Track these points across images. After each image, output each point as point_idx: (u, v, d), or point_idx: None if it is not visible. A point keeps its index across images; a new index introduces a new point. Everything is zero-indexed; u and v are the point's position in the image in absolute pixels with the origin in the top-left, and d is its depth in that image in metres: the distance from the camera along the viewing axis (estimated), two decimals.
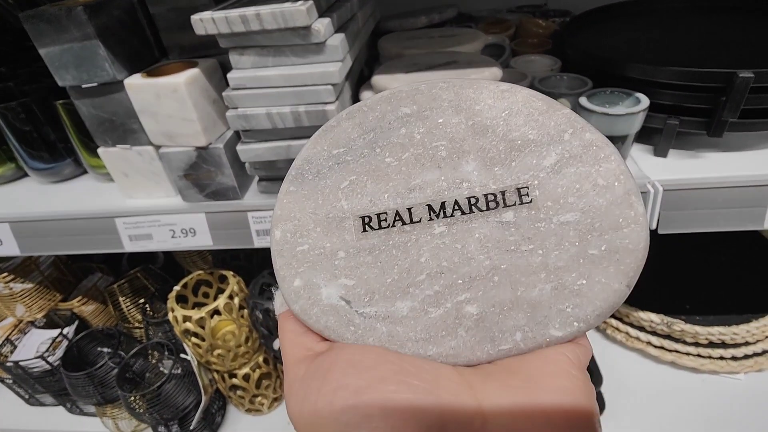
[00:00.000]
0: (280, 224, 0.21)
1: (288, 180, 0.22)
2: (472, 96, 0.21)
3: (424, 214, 0.20)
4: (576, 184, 0.19)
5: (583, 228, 0.19)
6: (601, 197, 0.19)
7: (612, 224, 0.19)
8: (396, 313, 0.20)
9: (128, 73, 0.48)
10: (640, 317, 0.71)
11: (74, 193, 0.62)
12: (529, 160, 0.19)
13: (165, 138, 0.50)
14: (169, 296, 0.61)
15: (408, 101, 0.21)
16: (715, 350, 0.68)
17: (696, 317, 0.69)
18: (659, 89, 0.48)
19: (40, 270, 0.73)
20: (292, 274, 0.21)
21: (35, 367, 0.69)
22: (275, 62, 0.43)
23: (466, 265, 0.19)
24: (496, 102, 0.20)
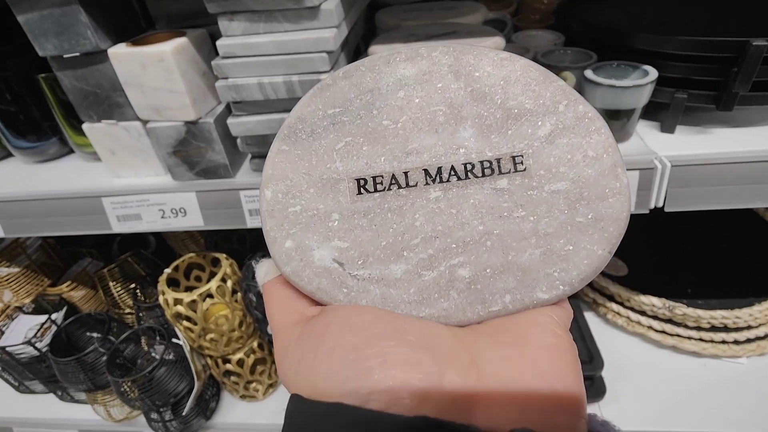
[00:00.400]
0: (271, 184, 0.21)
1: (279, 138, 0.21)
2: (472, 62, 0.21)
3: (420, 178, 0.20)
4: (568, 155, 0.20)
5: (572, 197, 0.19)
6: (590, 168, 0.19)
7: (599, 194, 0.19)
8: (390, 276, 0.20)
9: (112, 43, 0.46)
10: (641, 301, 0.69)
11: (60, 172, 0.60)
12: (524, 129, 0.20)
13: (152, 112, 0.48)
14: (160, 279, 0.60)
15: (407, 63, 0.21)
16: (718, 334, 0.67)
17: (698, 301, 0.67)
18: (667, 61, 0.47)
19: (27, 254, 0.71)
20: (284, 236, 0.20)
21: (23, 353, 0.67)
22: (266, 28, 0.41)
23: (460, 229, 0.20)
24: (494, 70, 0.20)
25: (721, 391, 0.64)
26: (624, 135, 0.48)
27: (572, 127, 0.20)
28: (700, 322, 0.67)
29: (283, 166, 0.21)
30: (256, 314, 0.61)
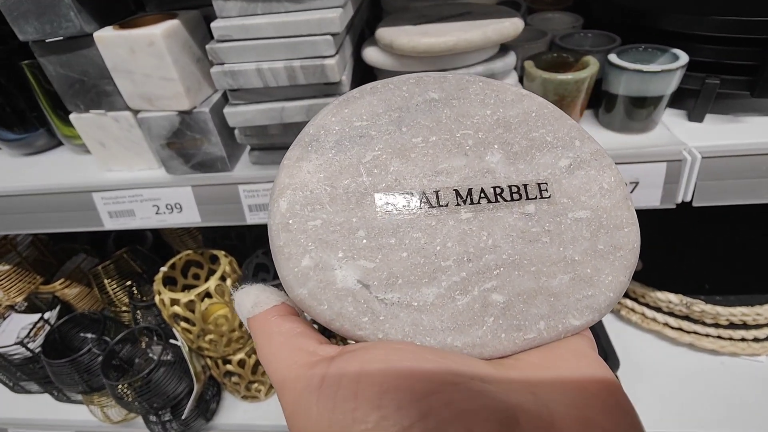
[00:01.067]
0: (288, 194, 0.19)
1: (299, 145, 0.20)
2: (497, 92, 0.22)
3: (452, 198, 0.19)
4: (587, 186, 0.21)
5: (593, 225, 0.20)
6: (606, 199, 0.20)
7: (616, 224, 0.20)
8: (421, 300, 0.18)
9: (98, 26, 0.43)
10: (657, 297, 0.67)
11: (48, 166, 0.57)
12: (547, 159, 0.21)
13: (143, 101, 0.44)
14: (156, 278, 0.57)
15: (435, 86, 0.21)
16: (737, 332, 0.64)
17: (716, 297, 0.65)
18: (697, 44, 0.43)
19: (17, 251, 0.68)
20: (300, 252, 0.18)
21: (16, 354, 0.65)
22: (265, 8, 0.37)
23: (491, 252, 0.19)
24: (516, 102, 0.22)
25: (740, 391, 0.62)
26: (649, 124, 0.45)
27: (588, 161, 0.21)
28: (718, 319, 0.64)
29: (302, 175, 0.19)
30: None
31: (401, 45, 0.39)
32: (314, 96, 0.41)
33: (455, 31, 0.39)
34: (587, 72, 0.42)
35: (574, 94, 0.43)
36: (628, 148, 0.44)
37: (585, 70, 0.42)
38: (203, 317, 0.55)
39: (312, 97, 0.41)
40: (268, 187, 0.48)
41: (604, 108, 0.47)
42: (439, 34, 0.39)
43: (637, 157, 0.43)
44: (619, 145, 0.44)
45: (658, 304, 0.68)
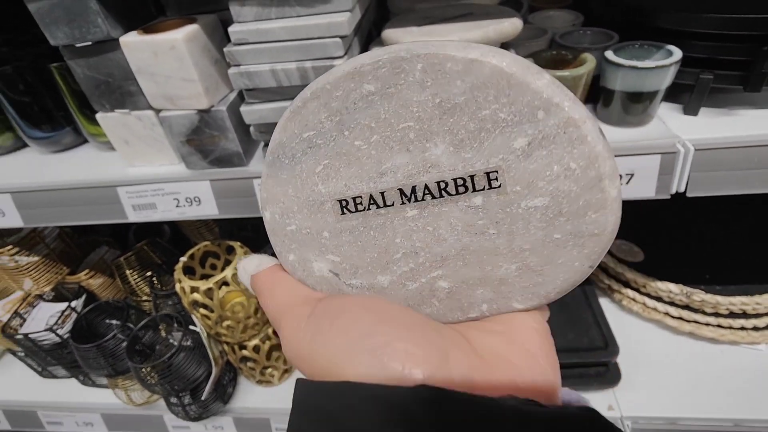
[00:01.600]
0: (269, 206, 0.22)
1: (266, 164, 0.22)
2: (438, 67, 0.18)
3: (396, 198, 0.20)
4: (547, 169, 0.18)
5: (550, 213, 0.19)
6: (572, 182, 0.18)
7: (580, 210, 0.18)
8: (377, 285, 0.22)
9: (123, 31, 0.46)
10: (658, 287, 0.69)
11: (75, 162, 0.60)
12: (498, 142, 0.18)
13: (165, 101, 0.48)
14: (176, 267, 0.60)
15: (370, 77, 0.19)
16: (736, 320, 0.66)
17: (716, 287, 0.66)
18: (692, 40, 0.45)
19: (45, 243, 0.72)
20: (287, 250, 0.23)
21: (45, 340, 0.69)
22: (279, 13, 0.40)
23: (438, 245, 0.20)
24: (464, 74, 0.18)
25: (739, 378, 0.63)
26: (645, 118, 0.47)
27: (552, 137, 0.18)
28: (718, 308, 0.66)
29: (273, 190, 0.22)
30: None
31: None
32: None
33: (457, 31, 0.42)
34: (584, 68, 0.44)
35: (572, 89, 0.45)
36: (624, 141, 0.46)
37: (582, 67, 0.44)
38: (221, 304, 0.58)
39: None
40: None
41: (602, 103, 0.48)
42: (441, 34, 0.41)
43: (633, 150, 0.45)
44: (616, 139, 0.46)
45: (658, 294, 0.69)
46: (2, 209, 0.58)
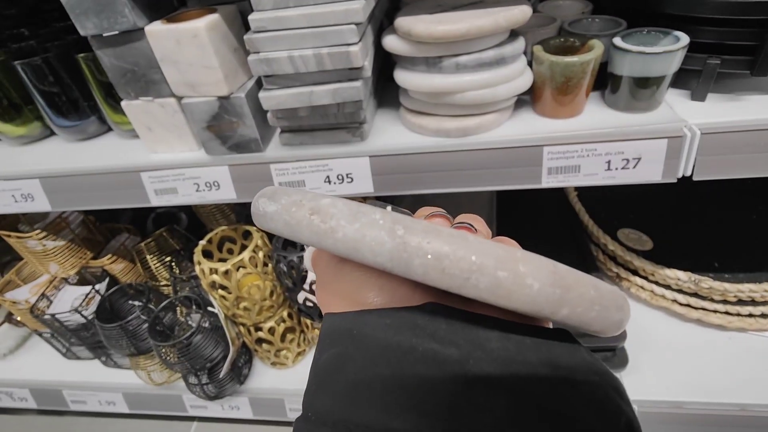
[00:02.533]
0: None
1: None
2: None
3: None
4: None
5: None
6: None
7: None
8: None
9: (148, 21, 0.48)
10: (666, 275, 0.69)
11: (100, 149, 0.63)
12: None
13: (187, 88, 0.50)
14: (195, 250, 0.63)
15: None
16: (744, 307, 0.66)
17: (725, 275, 0.67)
18: (699, 26, 0.46)
19: (70, 228, 0.75)
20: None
21: (71, 321, 0.72)
22: (297, 2, 0.42)
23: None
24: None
25: (746, 364, 0.64)
26: (653, 103, 0.48)
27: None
28: (726, 296, 0.66)
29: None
30: (286, 283, 0.63)
31: (419, 32, 0.43)
32: (339, 80, 0.46)
33: (468, 18, 0.43)
34: (592, 54, 0.45)
35: (580, 75, 0.46)
36: (631, 126, 0.47)
37: (590, 53, 0.45)
38: (238, 286, 0.60)
39: (337, 81, 0.46)
40: (297, 166, 0.53)
41: (609, 89, 0.49)
42: (453, 21, 0.43)
43: (640, 134, 0.46)
44: (624, 124, 0.47)
45: (667, 282, 0.70)
46: (31, 194, 0.61)
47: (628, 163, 0.47)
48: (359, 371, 0.17)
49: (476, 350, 0.16)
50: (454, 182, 0.51)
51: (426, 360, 0.16)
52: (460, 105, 0.47)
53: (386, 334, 0.17)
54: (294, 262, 0.60)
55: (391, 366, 0.16)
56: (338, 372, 0.17)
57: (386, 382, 0.16)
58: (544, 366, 0.16)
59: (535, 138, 0.47)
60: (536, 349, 0.17)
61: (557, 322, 0.18)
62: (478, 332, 0.17)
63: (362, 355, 0.17)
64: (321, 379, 0.18)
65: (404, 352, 0.17)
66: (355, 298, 0.20)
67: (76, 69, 0.58)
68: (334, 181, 0.53)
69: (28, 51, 0.64)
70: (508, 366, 0.16)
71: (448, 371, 0.16)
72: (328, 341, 0.19)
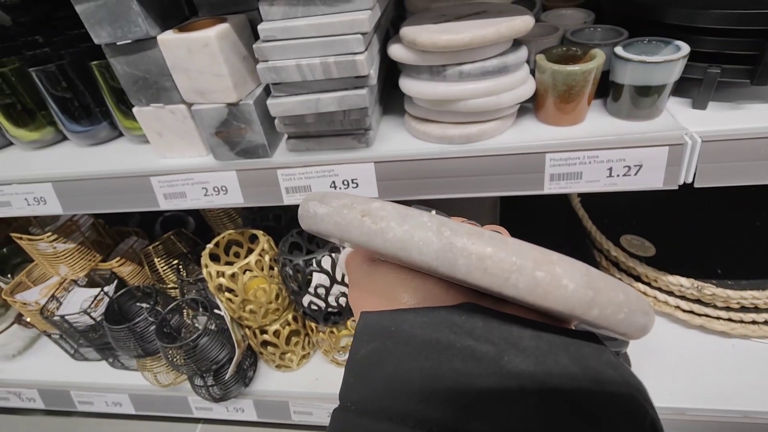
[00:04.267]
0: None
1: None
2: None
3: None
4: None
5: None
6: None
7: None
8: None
9: (160, 30, 0.49)
10: (669, 281, 0.70)
11: (111, 154, 0.64)
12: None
13: (197, 95, 0.51)
14: (203, 253, 0.64)
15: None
16: (747, 314, 0.67)
17: (728, 281, 0.67)
18: (700, 36, 0.46)
19: (81, 231, 0.77)
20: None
21: (79, 322, 0.73)
22: (305, 12, 0.43)
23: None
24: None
25: (750, 371, 0.64)
26: (654, 112, 0.48)
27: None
28: (729, 302, 0.66)
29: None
30: (291, 286, 0.64)
31: (423, 42, 0.44)
32: (345, 88, 0.47)
33: (471, 28, 0.44)
34: (594, 63, 0.46)
35: (582, 84, 0.47)
36: (633, 133, 0.47)
37: (592, 62, 0.46)
38: (244, 289, 0.61)
39: (344, 89, 0.47)
40: (303, 172, 0.54)
41: (611, 97, 0.50)
42: (456, 31, 0.44)
43: (641, 142, 0.46)
44: (625, 131, 0.48)
45: (669, 288, 0.70)
46: (44, 197, 0.63)
47: (630, 170, 0.48)
48: (398, 364, 0.18)
49: (510, 348, 0.17)
50: (457, 188, 0.52)
51: (463, 355, 0.17)
52: (463, 112, 0.48)
53: (424, 330, 0.18)
54: (300, 266, 0.61)
55: (429, 360, 0.17)
56: (377, 365, 0.18)
57: (425, 375, 0.17)
58: (574, 365, 0.17)
59: (537, 145, 0.48)
60: (566, 349, 0.18)
61: (586, 322, 0.18)
62: (512, 330, 0.18)
63: (401, 350, 0.18)
64: (360, 372, 0.18)
65: (443, 348, 0.17)
66: (390, 298, 0.21)
67: (89, 76, 0.60)
68: (340, 186, 0.54)
69: (43, 58, 0.66)
70: (540, 363, 0.17)
71: (484, 366, 0.17)
72: (366, 337, 0.19)
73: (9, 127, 0.66)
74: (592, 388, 0.17)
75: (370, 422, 0.16)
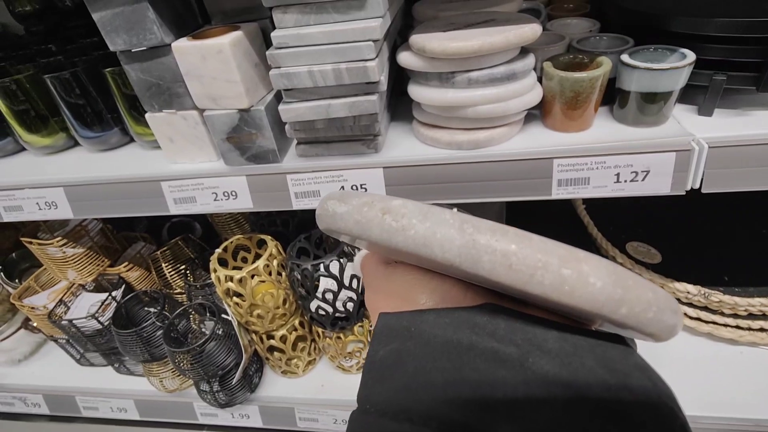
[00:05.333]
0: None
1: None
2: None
3: None
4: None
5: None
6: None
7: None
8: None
9: (174, 38, 0.50)
10: (675, 288, 0.69)
11: (122, 159, 0.65)
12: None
13: (209, 101, 0.52)
14: (212, 257, 0.64)
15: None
16: (756, 322, 0.66)
17: (735, 288, 0.67)
18: (705, 44, 0.47)
19: (89, 236, 0.77)
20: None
21: (87, 327, 0.73)
22: (317, 20, 0.44)
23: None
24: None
25: (760, 379, 0.64)
26: (660, 118, 0.49)
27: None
28: (736, 310, 0.66)
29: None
30: (299, 291, 0.64)
31: (433, 49, 0.45)
32: (356, 94, 0.47)
33: (480, 35, 0.45)
34: (600, 70, 0.47)
35: (589, 90, 0.48)
36: (640, 139, 0.48)
37: (598, 69, 0.47)
38: (252, 293, 0.62)
39: (354, 95, 0.47)
40: (312, 177, 0.55)
41: (618, 104, 0.51)
42: (465, 38, 0.45)
43: (648, 148, 0.47)
44: (632, 137, 0.48)
45: (676, 295, 0.70)
46: (55, 201, 0.64)
47: (637, 175, 0.48)
48: (419, 365, 0.17)
49: (535, 349, 0.17)
50: (465, 193, 0.52)
51: (486, 357, 0.17)
52: (472, 119, 0.49)
53: (445, 331, 0.18)
54: (308, 271, 0.61)
55: (451, 361, 0.17)
56: (398, 366, 0.18)
57: (447, 376, 0.16)
58: (600, 367, 0.17)
59: (545, 150, 0.48)
60: (591, 351, 0.17)
61: (614, 322, 0.18)
62: (536, 332, 0.18)
63: (422, 350, 0.18)
64: (379, 373, 0.18)
65: (465, 349, 0.17)
66: (407, 299, 0.21)
67: (102, 82, 0.61)
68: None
69: (56, 66, 0.67)
70: (566, 365, 0.17)
71: (508, 368, 0.16)
72: (384, 338, 0.19)
73: (22, 133, 0.67)
74: (620, 392, 0.16)
75: (391, 424, 0.16)
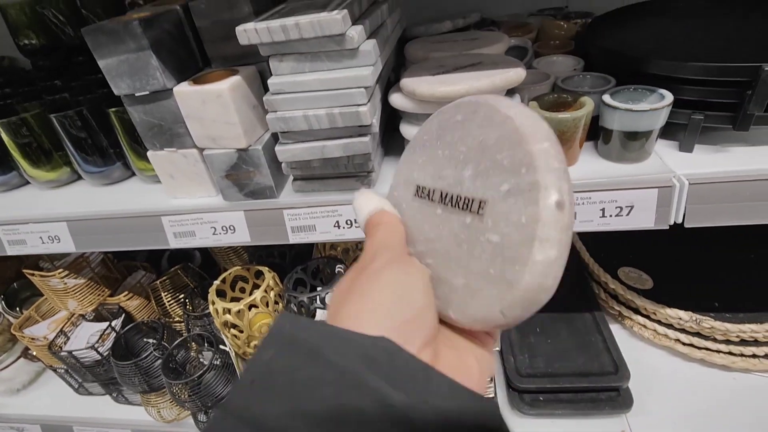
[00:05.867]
0: (392, 179, 0.32)
1: (406, 148, 0.32)
2: (491, 115, 0.25)
3: (437, 197, 0.27)
4: (510, 214, 0.22)
5: (496, 250, 0.23)
6: (517, 232, 0.22)
7: (512, 257, 0.22)
8: (415, 249, 0.29)
9: (176, 82, 0.53)
10: (667, 314, 0.70)
11: (124, 193, 0.67)
12: (495, 181, 0.24)
13: (209, 141, 0.54)
14: (210, 290, 0.65)
15: (462, 110, 0.27)
16: (747, 348, 0.67)
17: (726, 314, 0.68)
18: (683, 85, 0.49)
19: (90, 267, 0.78)
20: (398, 209, 0.31)
21: (86, 357, 0.74)
22: (312, 68, 0.46)
23: (438, 241, 0.27)
24: (499, 125, 0.24)
25: (751, 406, 0.64)
26: (642, 155, 0.51)
27: (523, 192, 0.22)
28: (728, 336, 0.67)
29: (401, 166, 0.31)
30: None
31: (422, 92, 0.47)
32: (350, 136, 0.49)
33: (467, 80, 0.47)
34: (583, 111, 0.49)
35: (573, 130, 0.50)
36: (623, 176, 0.50)
37: (581, 110, 0.49)
38: (249, 325, 0.63)
39: (348, 137, 0.49)
40: (308, 212, 0.56)
41: (602, 140, 0.53)
42: (453, 83, 0.47)
43: (631, 184, 0.49)
44: (616, 174, 0.50)
45: (668, 321, 0.71)
46: (58, 235, 0.65)
47: (622, 210, 0.50)
48: (306, 388, 0.18)
49: (422, 403, 0.18)
50: None
51: (374, 397, 0.18)
52: None
53: (338, 357, 0.19)
54: (304, 303, 0.62)
55: (338, 395, 0.18)
56: (284, 377, 0.18)
57: (330, 409, 0.17)
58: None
59: None
60: (475, 418, 0.19)
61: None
62: (429, 386, 0.19)
63: (311, 373, 0.18)
64: (263, 379, 0.19)
65: (354, 384, 0.18)
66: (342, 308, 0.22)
67: (106, 120, 0.63)
68: (344, 225, 0.56)
69: (62, 104, 0.69)
70: (446, 427, 0.18)
71: (392, 415, 0.17)
72: (280, 345, 0.20)
73: (27, 167, 0.69)
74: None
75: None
